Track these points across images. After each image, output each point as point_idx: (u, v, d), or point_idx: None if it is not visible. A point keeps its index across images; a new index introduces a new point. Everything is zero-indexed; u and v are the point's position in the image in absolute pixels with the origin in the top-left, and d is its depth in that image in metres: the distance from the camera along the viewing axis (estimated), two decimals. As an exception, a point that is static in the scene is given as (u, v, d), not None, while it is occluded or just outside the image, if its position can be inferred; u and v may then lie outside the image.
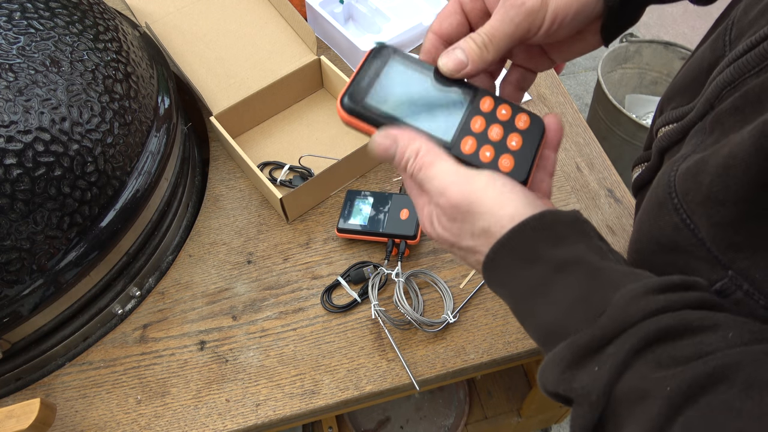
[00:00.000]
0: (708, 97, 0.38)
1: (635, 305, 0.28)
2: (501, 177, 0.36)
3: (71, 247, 0.55)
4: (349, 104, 0.38)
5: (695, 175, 0.34)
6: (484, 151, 0.37)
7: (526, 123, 0.39)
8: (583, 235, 0.33)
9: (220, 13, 0.83)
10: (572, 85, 2.07)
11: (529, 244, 0.32)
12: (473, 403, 1.07)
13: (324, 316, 0.65)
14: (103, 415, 0.59)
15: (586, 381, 0.28)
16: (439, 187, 0.35)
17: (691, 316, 0.27)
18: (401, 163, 0.37)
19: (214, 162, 0.77)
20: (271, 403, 0.60)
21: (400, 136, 0.37)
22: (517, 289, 0.33)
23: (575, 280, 0.31)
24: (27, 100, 0.52)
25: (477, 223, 0.35)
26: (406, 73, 0.39)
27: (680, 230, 0.35)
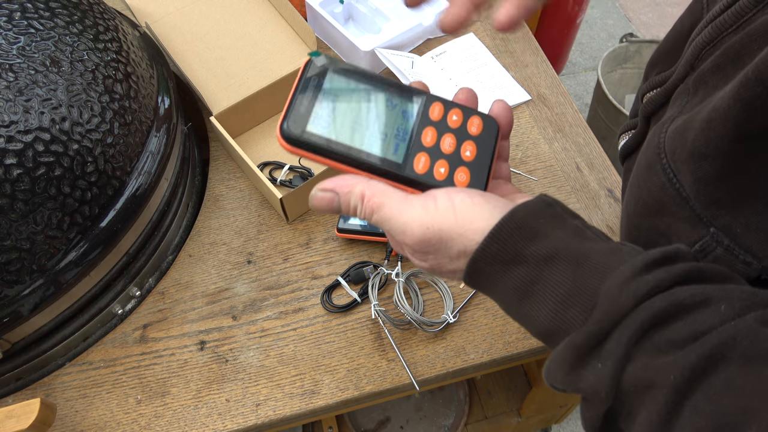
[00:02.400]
0: (688, 59, 0.38)
1: (625, 293, 0.28)
2: (457, 192, 0.34)
3: (71, 247, 0.55)
4: (290, 133, 0.34)
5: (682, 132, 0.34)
6: (438, 168, 0.36)
7: (479, 127, 0.37)
8: (556, 218, 0.33)
9: (220, 13, 0.83)
10: (572, 85, 2.07)
11: (506, 246, 0.32)
12: (473, 403, 1.07)
13: (324, 316, 0.65)
14: (103, 415, 0.59)
15: (591, 380, 0.28)
16: (398, 227, 0.34)
17: (681, 294, 0.27)
18: (350, 212, 0.36)
19: (214, 162, 0.77)
20: (271, 403, 0.60)
21: (338, 186, 0.35)
22: (505, 293, 0.33)
23: (560, 273, 0.31)
24: (27, 100, 0.52)
25: (451, 249, 0.34)
26: (347, 88, 0.36)
27: (666, 190, 0.35)
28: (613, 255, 0.30)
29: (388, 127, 0.36)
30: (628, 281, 0.28)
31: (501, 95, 0.82)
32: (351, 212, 0.36)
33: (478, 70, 0.85)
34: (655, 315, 0.27)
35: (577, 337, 0.29)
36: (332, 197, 0.35)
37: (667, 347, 0.27)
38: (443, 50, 0.87)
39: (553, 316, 0.31)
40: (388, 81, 0.37)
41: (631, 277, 0.28)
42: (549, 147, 0.77)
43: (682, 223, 0.34)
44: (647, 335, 0.27)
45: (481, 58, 0.86)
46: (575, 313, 0.30)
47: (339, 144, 0.35)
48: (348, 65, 0.37)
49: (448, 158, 0.36)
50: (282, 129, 0.35)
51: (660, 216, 0.37)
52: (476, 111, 0.38)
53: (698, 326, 0.26)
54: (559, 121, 0.80)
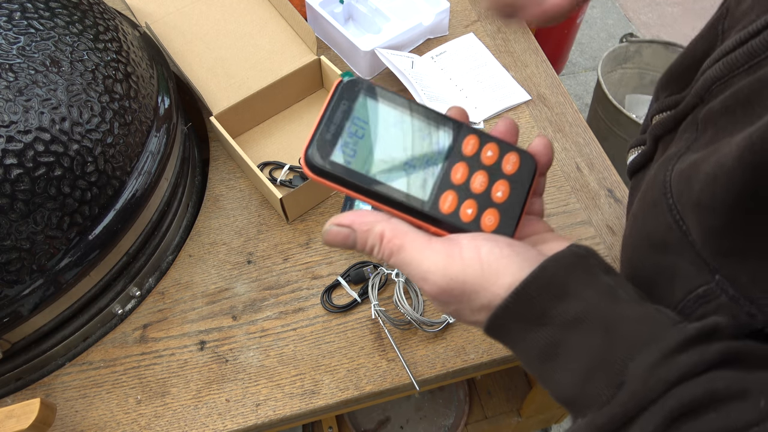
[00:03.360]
0: (698, 90, 0.37)
1: (655, 376, 0.26)
2: (485, 241, 0.32)
3: (71, 247, 0.55)
4: (316, 162, 0.33)
5: (688, 179, 0.33)
6: (465, 209, 0.33)
7: (515, 165, 0.35)
8: (588, 274, 0.31)
9: (220, 13, 0.83)
10: (572, 85, 2.07)
11: (531, 306, 0.30)
12: (473, 403, 1.07)
13: (324, 316, 0.65)
14: (103, 415, 0.59)
15: None
16: (420, 274, 0.32)
17: (716, 384, 0.25)
18: (366, 251, 0.34)
19: (214, 162, 0.77)
20: (271, 403, 0.60)
21: (355, 223, 0.33)
22: (527, 352, 0.31)
23: (587, 340, 0.29)
24: (27, 100, 0.52)
25: (474, 302, 0.32)
26: (378, 116, 0.34)
27: (672, 231, 0.34)
28: (645, 324, 0.28)
29: (417, 161, 0.34)
30: (659, 362, 0.26)
31: (501, 95, 0.82)
32: (367, 251, 0.34)
33: (478, 70, 0.85)
34: (686, 404, 0.25)
35: (599, 418, 0.27)
36: (348, 234, 0.33)
37: None
38: (443, 50, 0.87)
39: (574, 385, 0.29)
40: (423, 109, 0.35)
41: (664, 357, 0.26)
42: (549, 147, 0.77)
43: (687, 265, 0.33)
44: (675, 425, 0.26)
45: (481, 58, 0.86)
46: (600, 386, 0.28)
47: (363, 177, 0.33)
48: (381, 89, 0.35)
49: (477, 198, 0.34)
50: (306, 156, 0.33)
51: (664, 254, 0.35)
52: (514, 147, 0.35)
53: (733, 422, 0.25)
54: (559, 121, 0.80)
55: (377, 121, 0.34)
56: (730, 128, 0.32)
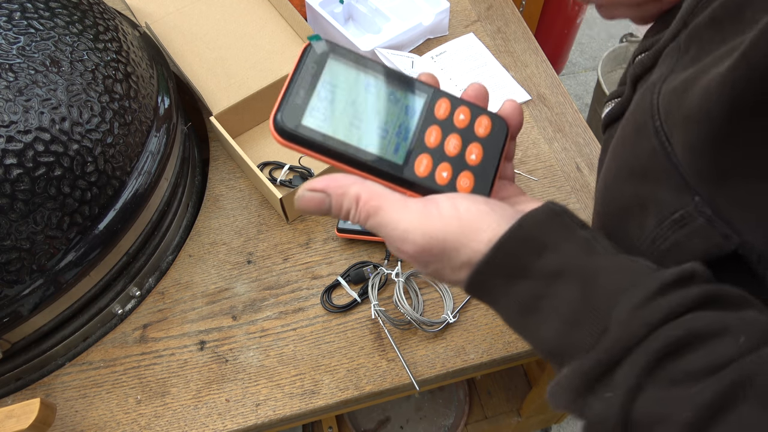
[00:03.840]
0: (681, 15, 0.36)
1: (637, 319, 0.27)
2: (462, 199, 0.32)
3: (71, 247, 0.55)
4: (284, 126, 0.32)
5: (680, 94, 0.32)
6: (441, 171, 0.33)
7: (487, 128, 0.35)
8: (565, 229, 0.31)
9: (220, 13, 0.83)
10: (572, 85, 2.07)
11: (512, 259, 0.30)
12: (473, 403, 1.07)
13: (324, 316, 0.65)
14: (103, 415, 0.59)
15: (599, 408, 0.27)
16: (398, 234, 0.32)
17: (697, 323, 0.26)
18: (341, 215, 0.33)
19: (214, 162, 0.77)
20: (271, 403, 0.60)
21: (330, 186, 0.32)
22: (508, 307, 0.32)
23: (568, 291, 0.29)
24: (27, 100, 0.52)
25: (455, 259, 0.32)
26: (348, 79, 0.33)
27: (656, 155, 0.34)
28: (624, 273, 0.29)
29: (390, 125, 0.33)
30: (640, 306, 0.27)
31: (501, 95, 0.82)
32: (343, 215, 0.33)
33: (478, 70, 0.85)
34: (670, 344, 0.26)
35: (585, 363, 0.28)
36: (322, 198, 0.32)
37: (682, 378, 0.26)
38: (443, 50, 0.87)
39: (558, 335, 0.29)
40: (393, 72, 0.34)
41: (644, 301, 0.27)
42: (549, 147, 0.77)
43: (665, 191, 0.33)
44: (660, 365, 0.26)
45: (481, 58, 0.86)
46: (583, 335, 0.28)
47: (335, 140, 0.32)
48: (350, 52, 0.34)
49: (451, 161, 0.34)
50: (275, 121, 0.32)
51: (643, 183, 0.35)
52: (485, 110, 0.35)
53: (715, 358, 0.25)
54: (559, 121, 0.80)
55: (348, 85, 0.33)
56: (717, 40, 0.31)
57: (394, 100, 0.34)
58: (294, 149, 0.33)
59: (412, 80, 0.35)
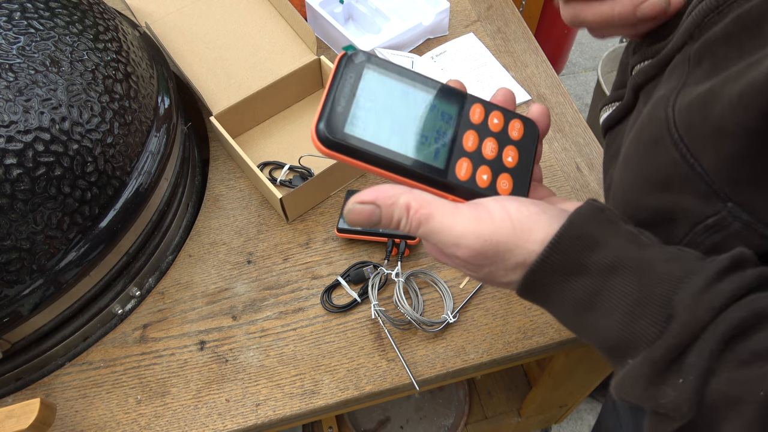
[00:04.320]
0: (687, 27, 0.36)
1: (702, 304, 0.27)
2: (510, 202, 0.33)
3: (71, 247, 0.55)
4: (328, 136, 0.32)
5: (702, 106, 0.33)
6: (481, 174, 0.34)
7: (520, 131, 0.36)
8: (611, 224, 0.32)
9: (220, 13, 0.83)
10: (572, 85, 2.07)
11: (568, 257, 0.31)
12: (473, 403, 1.07)
13: (324, 316, 0.65)
14: (103, 415, 0.59)
15: (672, 395, 0.28)
16: (451, 240, 0.32)
17: (760, 303, 0.27)
18: (392, 225, 0.33)
19: (214, 162, 0.77)
20: (271, 403, 0.60)
21: (379, 197, 0.32)
22: (565, 304, 0.32)
23: (625, 283, 0.30)
24: (27, 100, 0.52)
25: (509, 261, 0.32)
26: (385, 87, 0.34)
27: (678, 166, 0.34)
28: (676, 262, 0.29)
29: (429, 131, 0.34)
30: (702, 291, 0.27)
31: (501, 95, 0.82)
32: (393, 225, 0.33)
33: (478, 70, 0.85)
34: (735, 326, 0.26)
35: (654, 352, 0.28)
36: (372, 210, 0.33)
37: (752, 359, 0.26)
38: (443, 50, 0.87)
39: (621, 328, 0.29)
40: (427, 79, 0.35)
41: (705, 286, 0.27)
42: (549, 147, 0.77)
43: (693, 200, 0.33)
44: (729, 347, 0.27)
45: (481, 58, 0.86)
46: (646, 325, 0.29)
47: (378, 147, 0.33)
48: (384, 61, 0.35)
49: (490, 164, 0.34)
50: (318, 131, 0.32)
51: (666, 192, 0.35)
52: (517, 114, 0.36)
53: None
54: (559, 121, 0.80)
55: (385, 93, 0.34)
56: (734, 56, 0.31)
57: (430, 106, 0.35)
58: (337, 158, 0.33)
59: (446, 87, 0.35)
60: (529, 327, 0.63)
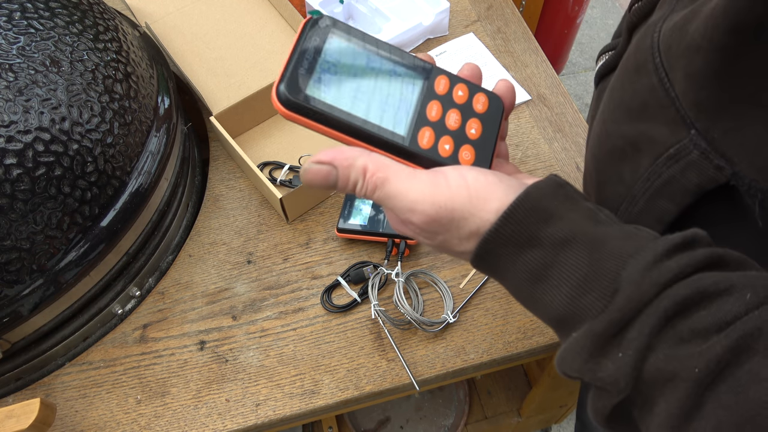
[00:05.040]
0: None
1: (647, 279, 0.27)
2: (469, 170, 0.33)
3: (71, 247, 0.55)
4: (288, 96, 0.31)
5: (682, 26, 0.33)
6: (443, 144, 0.34)
7: (485, 105, 0.36)
8: (569, 200, 0.32)
9: (220, 13, 0.83)
10: (572, 85, 2.07)
11: (520, 228, 0.31)
12: (473, 402, 1.07)
13: (324, 316, 0.65)
14: (103, 415, 0.59)
15: (611, 369, 0.28)
16: (406, 204, 0.32)
17: (704, 282, 0.27)
18: (348, 188, 0.33)
19: (214, 162, 0.77)
20: (271, 403, 0.60)
21: (336, 158, 0.32)
22: (517, 276, 0.32)
23: (577, 257, 0.30)
24: (27, 100, 0.52)
25: (463, 228, 0.32)
26: (350, 52, 0.34)
27: (655, 91, 0.34)
28: (630, 239, 0.29)
29: (392, 98, 0.34)
30: (649, 267, 0.27)
31: (501, 95, 0.82)
32: (349, 188, 0.33)
33: (478, 70, 0.85)
34: (678, 303, 0.27)
35: (597, 325, 0.28)
36: (329, 171, 0.32)
37: (690, 337, 0.26)
38: (443, 50, 0.87)
39: (568, 301, 0.30)
40: (392, 48, 0.35)
41: (653, 263, 0.28)
42: (549, 147, 0.77)
43: (661, 127, 0.34)
44: (670, 323, 0.27)
45: (481, 58, 0.86)
46: (592, 299, 0.29)
47: (340, 111, 0.32)
48: (351, 27, 0.34)
49: (453, 134, 0.34)
50: (278, 91, 0.32)
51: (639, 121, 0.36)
52: (482, 88, 0.36)
53: (723, 315, 0.26)
54: (559, 121, 0.80)
55: (350, 58, 0.34)
56: None
57: (395, 74, 0.34)
58: (297, 121, 0.32)
59: (412, 57, 0.35)
60: (529, 327, 0.63)
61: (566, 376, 0.31)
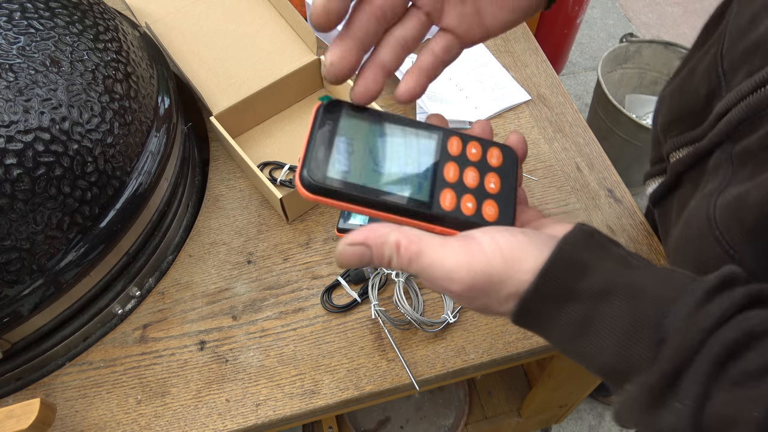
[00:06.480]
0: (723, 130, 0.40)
1: (692, 326, 0.27)
2: (499, 232, 0.33)
3: (71, 247, 0.55)
4: (311, 181, 0.33)
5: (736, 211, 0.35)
6: (465, 203, 0.34)
7: (499, 158, 0.37)
8: (601, 248, 0.32)
9: (220, 13, 0.83)
10: (572, 85, 2.07)
11: (559, 283, 0.31)
12: (473, 403, 1.07)
13: (324, 316, 0.65)
14: (103, 415, 0.59)
15: (670, 420, 0.27)
16: (443, 274, 0.32)
17: (750, 322, 0.27)
18: (383, 264, 0.33)
19: (214, 162, 0.77)
20: (271, 403, 0.60)
21: (369, 238, 0.32)
22: (560, 332, 0.32)
23: (617, 308, 0.29)
24: (27, 100, 0.52)
25: (501, 292, 0.32)
26: (363, 130, 0.35)
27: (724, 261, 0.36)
28: (668, 283, 0.30)
29: (410, 166, 0.35)
30: (693, 314, 0.27)
31: (501, 95, 0.82)
32: (385, 264, 0.33)
33: (478, 70, 0.85)
34: (728, 347, 0.27)
35: (650, 377, 0.28)
36: (363, 251, 0.32)
37: (743, 380, 0.26)
38: (443, 50, 0.87)
39: (616, 353, 0.29)
40: (403, 119, 0.36)
41: (695, 308, 0.27)
42: (549, 147, 0.77)
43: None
44: (723, 369, 0.27)
45: (481, 58, 0.86)
46: (641, 349, 0.29)
47: (362, 188, 0.33)
48: (359, 107, 0.36)
49: (473, 192, 0.35)
50: (302, 178, 0.33)
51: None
52: (493, 142, 0.37)
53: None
54: (559, 121, 0.80)
55: (363, 135, 0.35)
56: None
57: (408, 144, 0.35)
58: (323, 202, 0.33)
59: (422, 124, 0.36)
60: (529, 327, 0.63)
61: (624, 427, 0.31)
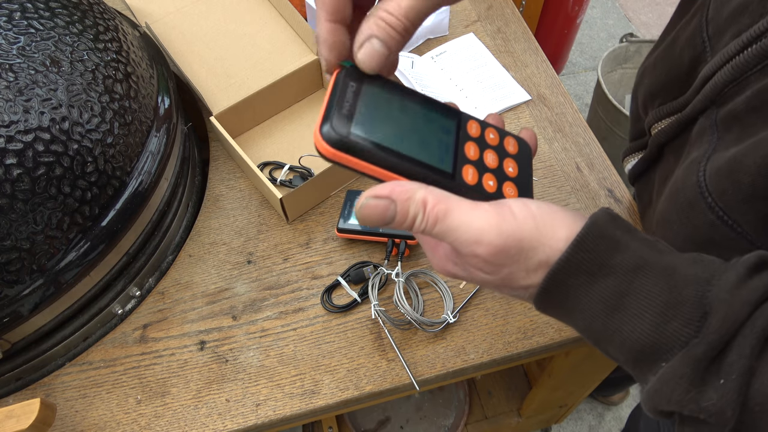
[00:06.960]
0: (707, 95, 0.38)
1: (738, 299, 0.27)
2: (530, 202, 0.32)
3: (71, 247, 0.55)
4: (333, 135, 0.31)
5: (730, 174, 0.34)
6: (487, 180, 0.34)
7: (515, 147, 0.37)
8: (630, 231, 0.31)
9: (220, 13, 0.83)
10: (572, 85, 2.07)
11: (593, 255, 0.30)
12: (473, 403, 1.07)
13: (324, 316, 0.65)
14: (103, 415, 0.59)
15: (715, 397, 0.26)
16: (472, 236, 0.31)
17: None
18: (406, 222, 0.31)
19: (214, 162, 0.77)
20: (271, 403, 0.60)
21: (395, 192, 0.31)
22: (591, 307, 0.30)
23: (653, 284, 0.29)
24: (27, 100, 0.52)
25: (531, 259, 0.31)
26: (385, 96, 0.34)
27: (717, 227, 0.35)
28: (699, 264, 0.29)
29: (432, 138, 0.34)
30: (737, 286, 0.27)
31: (501, 95, 0.82)
32: (408, 223, 0.31)
33: (478, 70, 0.85)
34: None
35: (696, 349, 0.27)
36: (387, 205, 0.31)
37: None
38: (443, 50, 0.87)
39: (653, 329, 0.28)
40: (423, 96, 0.36)
41: (738, 283, 0.27)
42: (549, 147, 0.77)
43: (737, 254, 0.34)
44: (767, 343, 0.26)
45: (481, 58, 0.86)
46: (679, 325, 0.28)
47: (388, 149, 0.32)
48: (381, 77, 0.35)
49: (494, 172, 0.35)
50: (322, 131, 0.31)
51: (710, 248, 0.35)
52: (510, 132, 0.37)
53: None
54: (559, 121, 0.80)
55: (386, 101, 0.34)
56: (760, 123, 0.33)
57: (430, 118, 0.35)
58: (343, 160, 0.32)
59: (442, 103, 0.37)
60: (529, 327, 0.63)
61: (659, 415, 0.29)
